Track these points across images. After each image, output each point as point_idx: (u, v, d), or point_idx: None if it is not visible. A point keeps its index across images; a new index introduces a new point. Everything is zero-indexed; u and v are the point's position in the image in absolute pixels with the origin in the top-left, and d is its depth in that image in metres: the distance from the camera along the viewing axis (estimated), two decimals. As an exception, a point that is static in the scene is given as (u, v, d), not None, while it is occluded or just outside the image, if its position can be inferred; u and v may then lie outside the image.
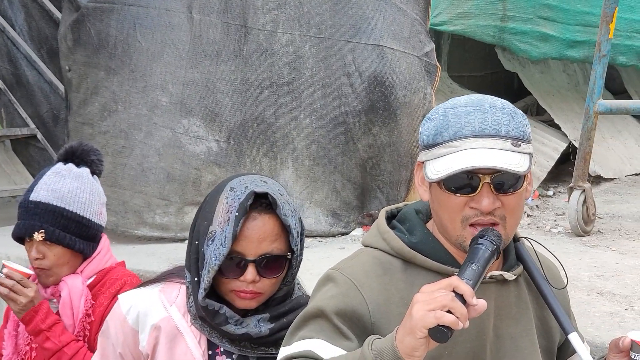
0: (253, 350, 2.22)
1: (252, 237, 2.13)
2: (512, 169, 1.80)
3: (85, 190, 2.86)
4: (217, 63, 5.45)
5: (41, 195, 2.81)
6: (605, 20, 5.13)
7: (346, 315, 1.87)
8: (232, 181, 2.21)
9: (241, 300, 2.17)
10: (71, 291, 2.82)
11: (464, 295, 1.66)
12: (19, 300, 2.74)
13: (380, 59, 5.37)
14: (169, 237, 5.41)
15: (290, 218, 2.17)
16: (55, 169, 2.88)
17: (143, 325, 2.22)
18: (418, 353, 1.67)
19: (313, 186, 5.43)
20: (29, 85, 7.27)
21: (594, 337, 3.19)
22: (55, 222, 2.79)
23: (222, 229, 2.12)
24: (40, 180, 2.85)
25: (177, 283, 2.29)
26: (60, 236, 2.79)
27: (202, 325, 2.21)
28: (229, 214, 2.12)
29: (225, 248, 2.10)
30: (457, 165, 1.81)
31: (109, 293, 2.83)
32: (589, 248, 4.93)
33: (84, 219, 2.83)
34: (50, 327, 2.75)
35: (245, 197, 2.13)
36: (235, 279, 2.15)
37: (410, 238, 1.96)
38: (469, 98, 1.91)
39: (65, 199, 2.81)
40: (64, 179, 2.84)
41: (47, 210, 2.79)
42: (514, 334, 1.98)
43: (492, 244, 1.80)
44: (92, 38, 5.48)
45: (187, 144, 5.43)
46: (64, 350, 2.74)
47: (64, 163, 2.91)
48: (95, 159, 2.95)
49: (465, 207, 1.85)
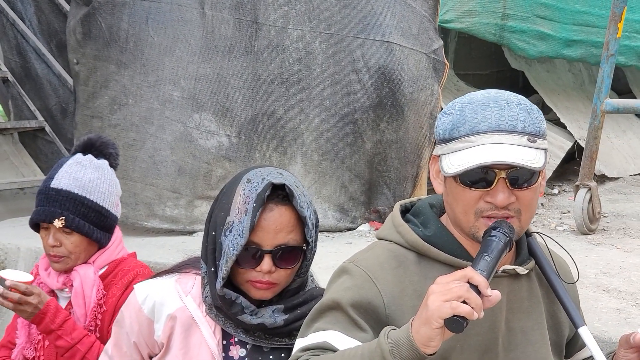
0: (267, 341, 2.24)
1: (269, 228, 2.16)
2: (528, 165, 1.82)
3: (105, 181, 2.90)
4: (229, 59, 5.48)
5: (63, 183, 2.84)
6: (614, 20, 5.14)
7: (361, 307, 1.90)
8: (249, 173, 2.23)
9: (257, 290, 2.20)
10: (83, 281, 2.84)
11: (479, 286, 1.69)
12: (25, 310, 2.73)
13: (389, 55, 5.40)
14: (179, 229, 5.44)
15: (306, 210, 2.20)
16: (75, 159, 2.91)
17: (159, 315, 2.25)
18: (434, 343, 1.69)
19: (321, 181, 5.46)
20: (38, 78, 7.28)
21: (601, 333, 3.21)
22: (75, 210, 2.82)
23: (240, 220, 2.15)
24: (61, 168, 2.88)
25: (192, 274, 2.32)
26: (80, 224, 2.82)
27: (217, 315, 2.24)
28: (246, 205, 2.15)
29: (242, 238, 2.13)
30: (473, 160, 1.83)
31: (122, 284, 2.86)
32: (595, 246, 4.95)
33: (103, 208, 2.87)
34: (61, 326, 2.76)
35: (263, 188, 2.16)
36: (251, 270, 2.18)
37: (424, 231, 1.99)
38: (485, 93, 1.93)
39: (86, 188, 2.84)
40: (85, 168, 2.88)
41: (68, 197, 2.82)
42: (525, 328, 2.01)
43: (505, 236, 1.82)
44: (103, 32, 5.51)
45: (198, 138, 5.46)
46: (77, 347, 2.75)
47: (83, 154, 2.94)
48: (113, 152, 2.99)
49: (480, 200, 1.87)
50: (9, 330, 3.06)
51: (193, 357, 2.22)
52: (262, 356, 2.25)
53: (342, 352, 1.82)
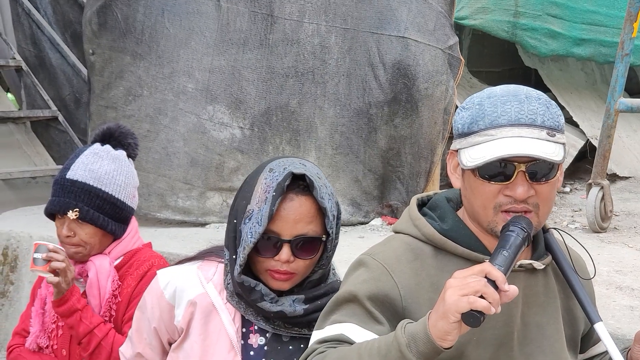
0: (286, 330, 2.25)
1: (288, 218, 2.17)
2: (548, 158, 1.83)
3: (122, 173, 2.89)
4: (244, 51, 5.48)
5: (78, 174, 2.83)
6: (629, 19, 5.13)
7: (378, 300, 1.91)
8: (272, 162, 2.25)
9: (275, 280, 2.21)
10: (98, 271, 2.85)
11: (496, 281, 1.70)
12: (68, 275, 2.75)
13: (404, 50, 5.40)
14: (191, 221, 5.45)
15: (326, 201, 2.20)
16: (93, 149, 2.90)
17: (179, 300, 2.27)
18: (450, 337, 1.70)
19: (335, 175, 5.47)
20: (52, 68, 7.30)
21: (614, 329, 3.22)
22: (90, 202, 2.81)
23: (259, 208, 2.16)
24: (78, 159, 2.87)
25: (215, 261, 2.34)
26: (94, 216, 2.82)
27: (238, 302, 2.25)
28: (267, 193, 2.16)
29: (261, 226, 2.14)
30: (493, 153, 1.84)
31: (137, 274, 2.86)
32: (606, 244, 4.95)
33: (118, 201, 2.86)
34: (84, 308, 2.78)
35: (283, 177, 2.17)
36: (270, 259, 2.19)
37: (441, 225, 2.00)
38: (504, 88, 1.94)
39: (102, 180, 2.83)
40: (102, 160, 2.87)
41: (83, 189, 2.81)
42: (540, 322, 2.01)
43: (524, 231, 1.83)
44: (119, 23, 5.52)
45: (211, 130, 5.47)
46: (94, 332, 2.76)
47: (102, 144, 2.94)
48: (132, 142, 2.99)
49: (499, 194, 1.88)
50: (24, 317, 3.07)
51: (212, 343, 2.24)
52: (281, 345, 2.26)
53: (358, 345, 1.83)
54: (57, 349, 2.92)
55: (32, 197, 6.43)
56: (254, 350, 2.26)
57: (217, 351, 2.23)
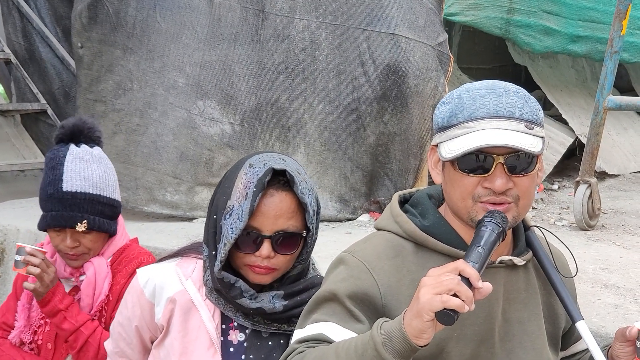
0: (266, 326, 2.26)
1: (269, 213, 2.18)
2: (526, 148, 1.84)
3: (110, 173, 2.90)
4: (235, 47, 5.48)
5: (76, 185, 2.80)
6: (618, 17, 5.14)
7: (358, 298, 1.91)
8: (252, 158, 2.25)
9: (255, 274, 2.22)
10: (97, 272, 2.84)
11: (470, 279, 1.70)
12: (44, 279, 2.74)
13: (395, 47, 5.40)
14: (178, 215, 5.45)
15: (307, 196, 2.21)
16: (75, 155, 2.85)
17: (159, 298, 2.28)
18: (426, 335, 1.71)
19: (323, 171, 5.47)
20: (42, 61, 7.27)
21: (598, 328, 3.22)
22: (94, 210, 2.81)
23: (240, 204, 2.16)
24: (65, 167, 2.82)
25: (194, 258, 2.34)
26: (101, 223, 2.82)
27: (217, 298, 2.25)
28: (247, 189, 2.17)
29: (242, 222, 2.15)
30: (471, 144, 1.84)
31: (126, 272, 2.86)
32: (593, 242, 4.96)
33: (115, 201, 2.88)
34: (67, 307, 2.77)
35: (264, 173, 2.18)
36: (251, 254, 2.20)
37: (422, 221, 2.01)
38: (483, 82, 1.95)
39: (98, 185, 2.83)
40: (90, 164, 2.84)
41: (86, 199, 2.80)
42: (522, 318, 2.02)
43: (498, 226, 1.83)
44: (110, 17, 5.50)
45: (201, 125, 5.47)
46: (81, 330, 2.75)
47: (73, 143, 2.88)
48: (99, 135, 2.96)
49: (477, 186, 1.89)
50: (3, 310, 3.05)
51: (191, 340, 2.25)
52: (260, 341, 2.27)
53: (336, 344, 1.83)
54: (41, 344, 2.91)
55: (20, 191, 6.42)
56: (234, 347, 2.26)
57: (197, 348, 2.23)
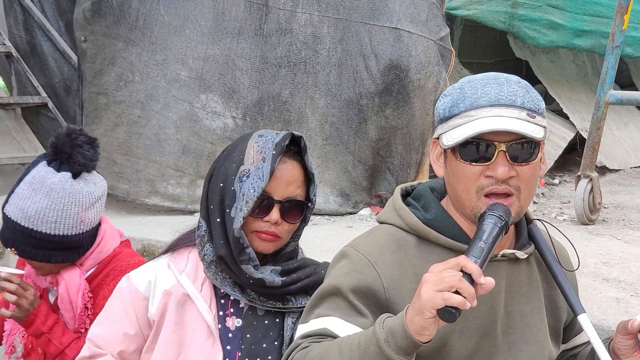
0: (262, 303, 2.28)
1: (282, 178, 2.23)
2: (528, 134, 1.83)
3: (56, 209, 2.64)
4: (238, 40, 5.48)
5: (11, 211, 2.66)
6: (620, 12, 5.14)
7: (361, 292, 1.91)
8: (257, 132, 2.30)
9: (261, 241, 2.25)
10: (68, 286, 2.73)
11: (472, 275, 1.68)
12: (22, 304, 2.65)
13: (397, 41, 5.40)
14: (180, 208, 5.46)
15: (313, 167, 2.29)
16: (30, 178, 2.67)
17: (154, 292, 2.29)
18: (428, 332, 1.70)
19: (324, 165, 5.47)
20: (43, 55, 7.27)
21: (600, 321, 3.24)
22: (25, 241, 2.65)
23: (257, 167, 2.20)
24: (17, 188, 2.67)
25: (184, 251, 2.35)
26: (32, 253, 2.66)
27: (215, 272, 2.27)
28: (263, 154, 2.21)
29: (263, 182, 2.18)
30: (473, 130, 1.84)
31: (113, 286, 2.64)
32: (594, 236, 4.97)
33: (55, 236, 2.65)
34: (51, 329, 2.69)
35: (282, 137, 2.23)
36: (259, 219, 2.23)
37: (425, 215, 2.00)
38: (484, 74, 1.95)
39: (32, 219, 2.63)
40: (35, 194, 2.64)
41: (16, 229, 2.64)
42: (524, 311, 2.02)
43: (501, 220, 1.82)
44: (113, 9, 5.51)
45: (204, 118, 5.47)
46: (65, 352, 2.68)
47: (48, 163, 2.69)
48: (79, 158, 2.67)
49: (480, 176, 1.87)
50: None
51: (188, 332, 2.26)
52: (256, 320, 2.29)
53: (340, 340, 1.83)
54: (31, 348, 2.84)
55: (20, 184, 6.40)
56: (232, 333, 2.28)
57: (194, 339, 2.24)
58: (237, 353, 2.26)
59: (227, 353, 2.25)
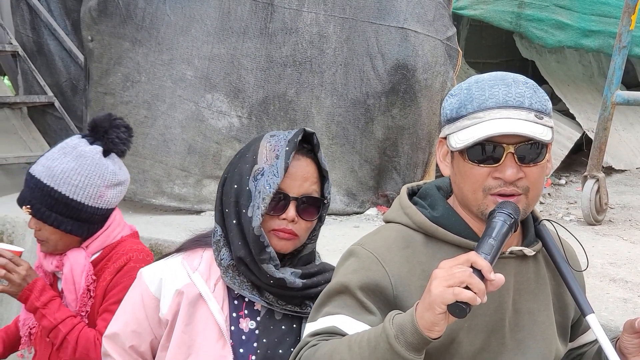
0: (280, 306, 2.25)
1: (297, 175, 2.23)
2: (536, 137, 1.83)
3: (82, 173, 2.72)
4: (243, 40, 5.48)
5: (37, 170, 2.73)
6: (627, 12, 5.13)
7: (369, 289, 1.91)
8: (268, 133, 2.31)
9: (279, 240, 2.24)
10: (73, 266, 2.77)
11: (482, 271, 1.69)
12: (12, 279, 2.68)
13: (404, 41, 5.40)
14: (186, 208, 5.46)
15: (326, 165, 2.28)
16: (63, 144, 2.77)
17: (165, 291, 2.26)
18: (438, 328, 1.70)
19: (330, 165, 5.46)
20: (50, 54, 7.29)
21: (607, 321, 3.24)
22: (42, 200, 2.71)
23: (271, 164, 2.21)
24: (49, 152, 2.76)
25: (198, 251, 2.34)
26: (45, 215, 2.72)
27: (232, 277, 2.25)
28: (276, 151, 2.21)
29: (278, 177, 2.19)
30: (482, 133, 1.84)
31: (113, 268, 2.76)
32: (601, 237, 4.96)
33: (73, 201, 2.72)
34: (46, 305, 2.70)
35: (295, 134, 2.23)
36: (276, 217, 2.22)
37: (431, 213, 2.00)
38: (492, 74, 1.95)
39: (56, 179, 2.71)
40: (64, 157, 2.73)
41: (37, 186, 2.71)
42: (532, 309, 2.02)
43: (510, 217, 1.82)
44: (120, 9, 5.52)
45: (209, 118, 5.47)
46: (58, 327, 2.68)
47: (82, 136, 2.81)
48: (115, 138, 2.80)
49: (488, 177, 1.88)
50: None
51: (199, 332, 2.23)
52: (273, 324, 2.27)
53: (349, 337, 1.83)
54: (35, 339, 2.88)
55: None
56: (245, 335, 2.25)
57: (205, 340, 2.22)
58: (250, 356, 2.24)
59: (240, 356, 2.23)
